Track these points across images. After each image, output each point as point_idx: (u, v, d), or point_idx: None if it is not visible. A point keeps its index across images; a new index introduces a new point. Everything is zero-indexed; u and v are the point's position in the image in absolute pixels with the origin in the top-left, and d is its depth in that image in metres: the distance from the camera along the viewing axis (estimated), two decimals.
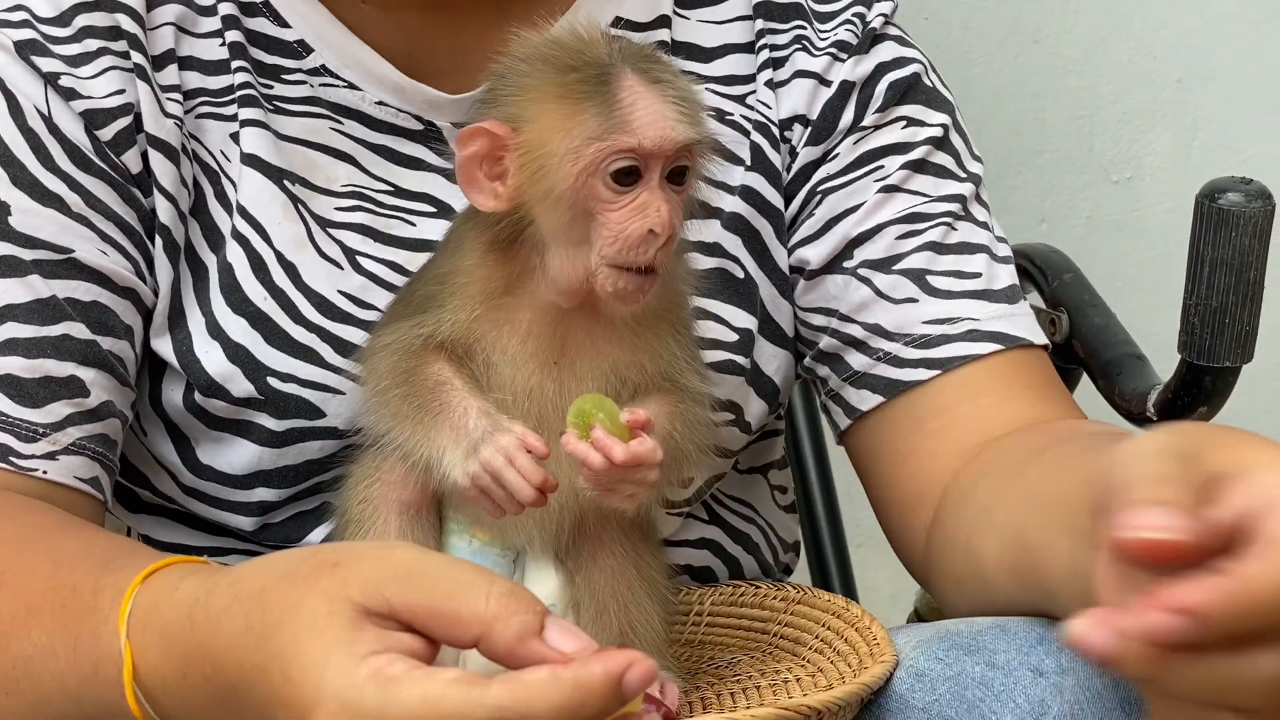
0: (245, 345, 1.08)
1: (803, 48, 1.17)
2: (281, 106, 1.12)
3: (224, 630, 0.82)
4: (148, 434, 1.13)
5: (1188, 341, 1.24)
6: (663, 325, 0.99)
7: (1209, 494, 0.73)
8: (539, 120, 0.93)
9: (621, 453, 0.91)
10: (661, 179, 0.93)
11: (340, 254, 1.10)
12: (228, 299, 1.09)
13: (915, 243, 1.14)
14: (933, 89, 1.18)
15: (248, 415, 1.09)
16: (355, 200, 1.12)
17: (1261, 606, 0.70)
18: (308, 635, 0.77)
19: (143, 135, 1.09)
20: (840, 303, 1.15)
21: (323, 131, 1.12)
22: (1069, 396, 1.17)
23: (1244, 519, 0.72)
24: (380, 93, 1.13)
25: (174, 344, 1.09)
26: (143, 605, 0.87)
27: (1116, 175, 1.88)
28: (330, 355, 1.09)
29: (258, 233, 1.10)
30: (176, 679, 0.84)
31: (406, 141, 1.13)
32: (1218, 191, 1.21)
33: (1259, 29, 1.85)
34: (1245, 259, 1.21)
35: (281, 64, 1.13)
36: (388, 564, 0.79)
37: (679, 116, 0.93)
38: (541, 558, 1.01)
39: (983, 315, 1.13)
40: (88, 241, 1.07)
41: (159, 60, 1.10)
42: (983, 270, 1.14)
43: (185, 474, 1.12)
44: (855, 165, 1.16)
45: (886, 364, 1.13)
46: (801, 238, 1.16)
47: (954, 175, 1.16)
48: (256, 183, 1.10)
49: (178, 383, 1.10)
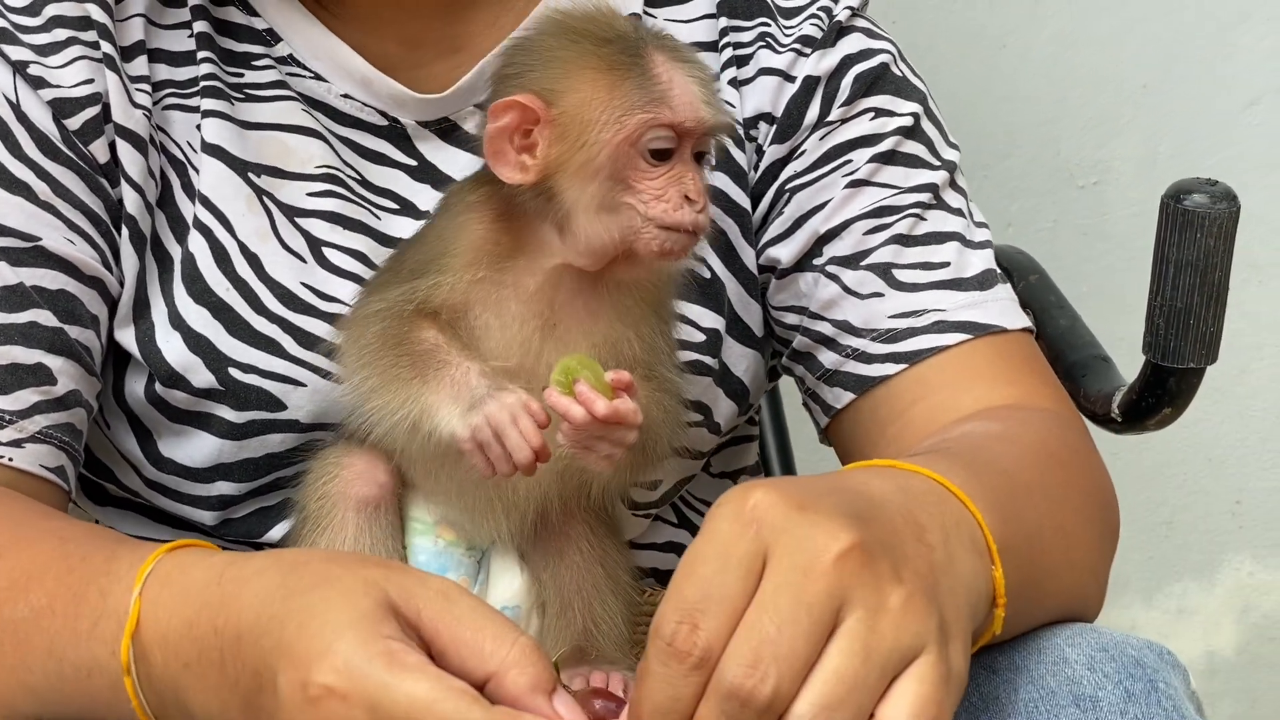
0: (206, 335, 1.08)
1: (767, 44, 1.16)
2: (251, 94, 1.12)
3: (253, 585, 0.82)
4: (111, 426, 1.12)
5: (1152, 342, 1.24)
6: (650, 311, 1.00)
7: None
8: (578, 91, 0.94)
9: (604, 407, 0.91)
10: (691, 155, 0.95)
11: (304, 246, 1.10)
12: (189, 289, 1.09)
13: (882, 237, 1.14)
14: (902, 78, 1.18)
15: (207, 407, 1.09)
16: (328, 185, 1.12)
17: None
18: (338, 602, 0.78)
19: (111, 125, 1.08)
20: (810, 300, 1.14)
21: (295, 113, 1.12)
22: (1047, 377, 1.15)
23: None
24: (346, 85, 1.13)
25: (137, 334, 1.09)
26: (165, 567, 0.87)
27: (1082, 180, 1.89)
28: (292, 346, 1.08)
29: (220, 223, 1.09)
30: (181, 630, 0.84)
31: (371, 136, 1.13)
32: (1183, 193, 1.21)
33: (1224, 34, 1.86)
34: (1210, 260, 1.21)
35: (251, 51, 1.13)
36: (429, 583, 0.80)
37: (709, 98, 0.95)
38: (506, 557, 1.00)
39: (950, 305, 1.13)
40: (55, 230, 1.06)
41: (128, 51, 1.10)
42: (952, 259, 1.14)
43: (147, 467, 1.12)
44: (822, 161, 1.15)
45: (855, 360, 1.13)
46: (771, 237, 1.16)
47: (926, 164, 1.16)
48: (218, 172, 1.10)
49: (140, 374, 1.10)
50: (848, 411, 1.14)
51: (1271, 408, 1.97)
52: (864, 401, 1.13)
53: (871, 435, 1.13)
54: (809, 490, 0.78)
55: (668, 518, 1.20)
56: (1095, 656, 0.90)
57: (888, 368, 1.12)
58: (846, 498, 0.79)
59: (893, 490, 0.83)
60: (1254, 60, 1.86)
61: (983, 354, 1.12)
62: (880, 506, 0.80)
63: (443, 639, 0.78)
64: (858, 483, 0.83)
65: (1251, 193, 1.41)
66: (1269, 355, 1.95)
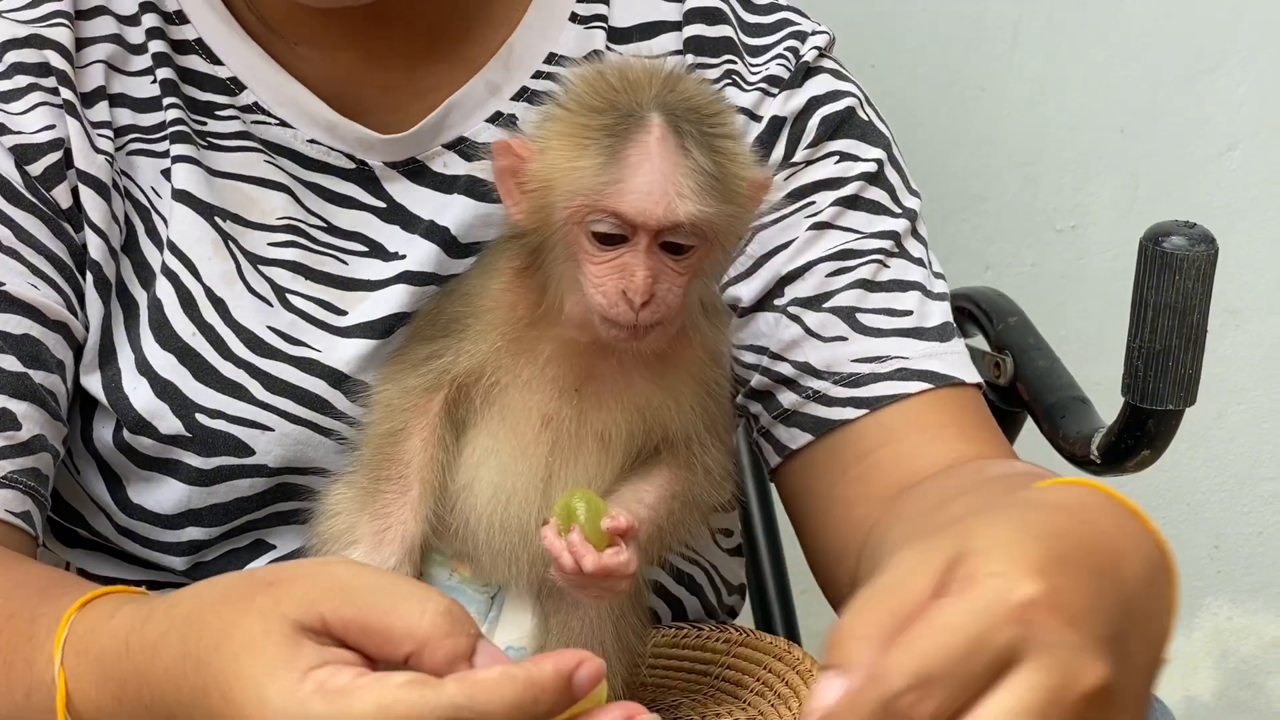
0: (173, 381, 1.07)
1: (733, 82, 1.16)
2: (215, 143, 1.12)
3: (161, 656, 0.80)
4: (81, 472, 1.11)
5: (1131, 384, 1.24)
6: (693, 379, 0.98)
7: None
8: (548, 154, 0.92)
9: (591, 563, 0.90)
10: (652, 245, 0.90)
11: (269, 291, 1.09)
12: (156, 335, 1.08)
13: (846, 280, 1.13)
14: (868, 123, 1.18)
15: (174, 454, 1.08)
16: (289, 235, 1.11)
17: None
18: (246, 655, 0.76)
19: (73, 171, 1.08)
20: (771, 340, 1.14)
21: (257, 165, 1.12)
22: (999, 434, 1.15)
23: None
24: (312, 130, 1.12)
25: (103, 380, 1.08)
26: (78, 632, 0.86)
27: (1060, 224, 1.89)
28: (259, 391, 1.07)
29: (187, 268, 1.09)
30: (113, 706, 0.83)
31: (339, 180, 1.12)
32: (1162, 235, 1.21)
33: (1202, 79, 1.86)
34: (1189, 302, 1.21)
35: (214, 100, 1.13)
36: (321, 580, 0.78)
37: (681, 190, 0.88)
38: (520, 598, 0.99)
39: (913, 354, 1.12)
40: (18, 275, 1.06)
41: (89, 97, 1.10)
42: (914, 308, 1.14)
43: (117, 513, 1.11)
44: (786, 202, 1.15)
45: (816, 403, 1.13)
46: (733, 275, 1.15)
47: (888, 211, 1.16)
48: (187, 219, 1.09)
49: (107, 420, 1.09)
50: (803, 453, 1.13)
51: (1249, 452, 1.97)
52: (822, 444, 1.12)
53: (831, 476, 1.12)
54: (1073, 586, 0.73)
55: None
56: None
57: (848, 411, 1.11)
58: (1106, 597, 0.76)
59: (1140, 566, 0.79)
60: (1231, 105, 1.87)
61: (943, 404, 1.12)
62: (1130, 601, 0.77)
63: (353, 634, 0.77)
64: (1103, 546, 0.79)
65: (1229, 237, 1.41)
66: (1247, 400, 1.95)
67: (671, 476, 0.98)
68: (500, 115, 1.13)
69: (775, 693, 1.02)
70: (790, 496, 1.15)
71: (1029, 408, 1.38)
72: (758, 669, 1.05)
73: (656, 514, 0.96)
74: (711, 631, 1.12)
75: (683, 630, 1.14)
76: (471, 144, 1.12)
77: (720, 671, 1.08)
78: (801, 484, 1.14)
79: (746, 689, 1.05)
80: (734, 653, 1.09)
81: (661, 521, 0.95)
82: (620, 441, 0.97)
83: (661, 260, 0.90)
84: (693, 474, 0.98)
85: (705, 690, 1.07)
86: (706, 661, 1.10)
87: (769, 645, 1.07)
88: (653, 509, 0.96)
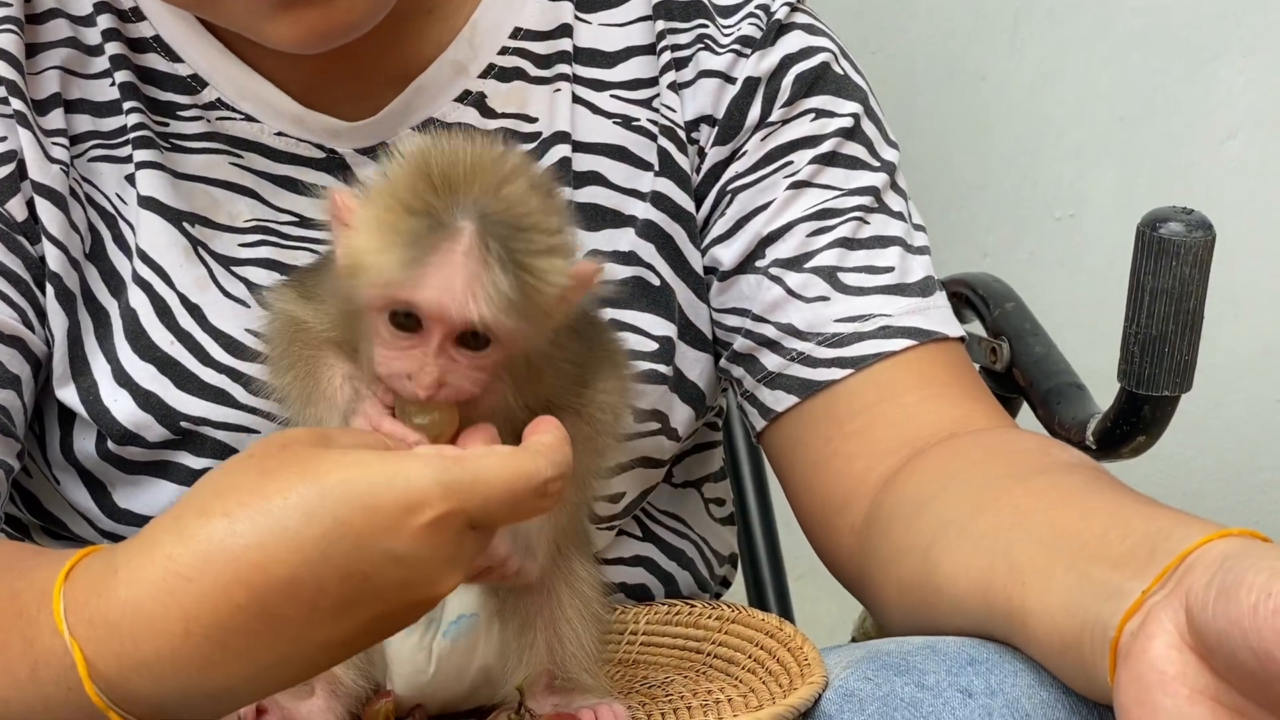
0: (155, 392, 1.07)
1: (706, 46, 1.16)
2: (178, 144, 1.11)
3: (257, 537, 0.78)
4: (60, 482, 1.10)
5: (1127, 370, 1.24)
6: (545, 360, 0.94)
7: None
8: (359, 236, 0.88)
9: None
10: (445, 342, 0.87)
11: (245, 292, 1.09)
12: (133, 345, 1.07)
13: (826, 239, 1.13)
14: (843, 77, 1.17)
15: (167, 455, 1.08)
16: (260, 235, 1.10)
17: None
18: (338, 484, 0.78)
19: (27, 182, 1.07)
20: (753, 303, 1.14)
21: (222, 167, 1.11)
22: (989, 391, 1.16)
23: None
24: (279, 123, 1.11)
25: (80, 393, 1.07)
26: (79, 601, 0.82)
27: (1059, 212, 1.89)
28: (242, 395, 1.07)
29: (159, 276, 1.08)
30: (177, 640, 0.79)
31: (309, 170, 1.12)
32: (1159, 221, 1.21)
33: (1202, 68, 1.86)
34: (1185, 288, 1.21)
35: (176, 100, 1.12)
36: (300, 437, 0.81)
37: (479, 299, 0.85)
38: None
39: (895, 311, 1.12)
40: None
41: (42, 105, 1.09)
42: (895, 264, 1.14)
43: (103, 520, 1.10)
44: (764, 162, 1.15)
45: (800, 364, 1.13)
46: (713, 238, 1.15)
47: (866, 165, 1.15)
48: (155, 226, 1.08)
49: (88, 431, 1.08)
50: (789, 415, 1.13)
51: (1246, 442, 1.97)
52: (809, 405, 1.12)
53: (826, 431, 1.12)
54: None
55: (632, 531, 1.19)
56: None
57: (834, 372, 1.11)
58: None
59: None
60: (1231, 94, 1.87)
61: (931, 360, 1.12)
62: None
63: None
64: None
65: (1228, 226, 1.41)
66: (1244, 390, 1.95)
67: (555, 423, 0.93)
68: (469, 94, 1.13)
69: (766, 669, 1.01)
70: (780, 455, 1.15)
71: (1025, 393, 1.38)
72: (749, 645, 1.05)
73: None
74: (704, 608, 1.12)
75: (675, 608, 1.14)
76: (441, 125, 1.12)
77: (712, 649, 1.08)
78: (792, 443, 1.14)
79: (738, 665, 1.04)
80: (726, 629, 1.09)
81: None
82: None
83: (456, 355, 0.88)
84: (580, 417, 0.95)
85: (697, 667, 1.07)
86: (699, 639, 1.10)
87: (760, 622, 1.07)
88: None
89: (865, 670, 0.94)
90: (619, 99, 1.15)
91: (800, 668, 0.99)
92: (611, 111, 1.15)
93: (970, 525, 0.98)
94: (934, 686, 0.92)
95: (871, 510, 1.08)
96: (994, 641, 0.93)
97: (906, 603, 1.03)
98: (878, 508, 1.07)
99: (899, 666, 0.94)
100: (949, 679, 0.92)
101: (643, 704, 1.03)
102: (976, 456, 1.05)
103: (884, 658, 0.95)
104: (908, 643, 0.96)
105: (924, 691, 0.92)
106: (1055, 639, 0.88)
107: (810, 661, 0.98)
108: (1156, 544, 0.83)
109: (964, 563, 0.97)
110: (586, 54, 1.16)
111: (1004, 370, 1.38)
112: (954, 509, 1.01)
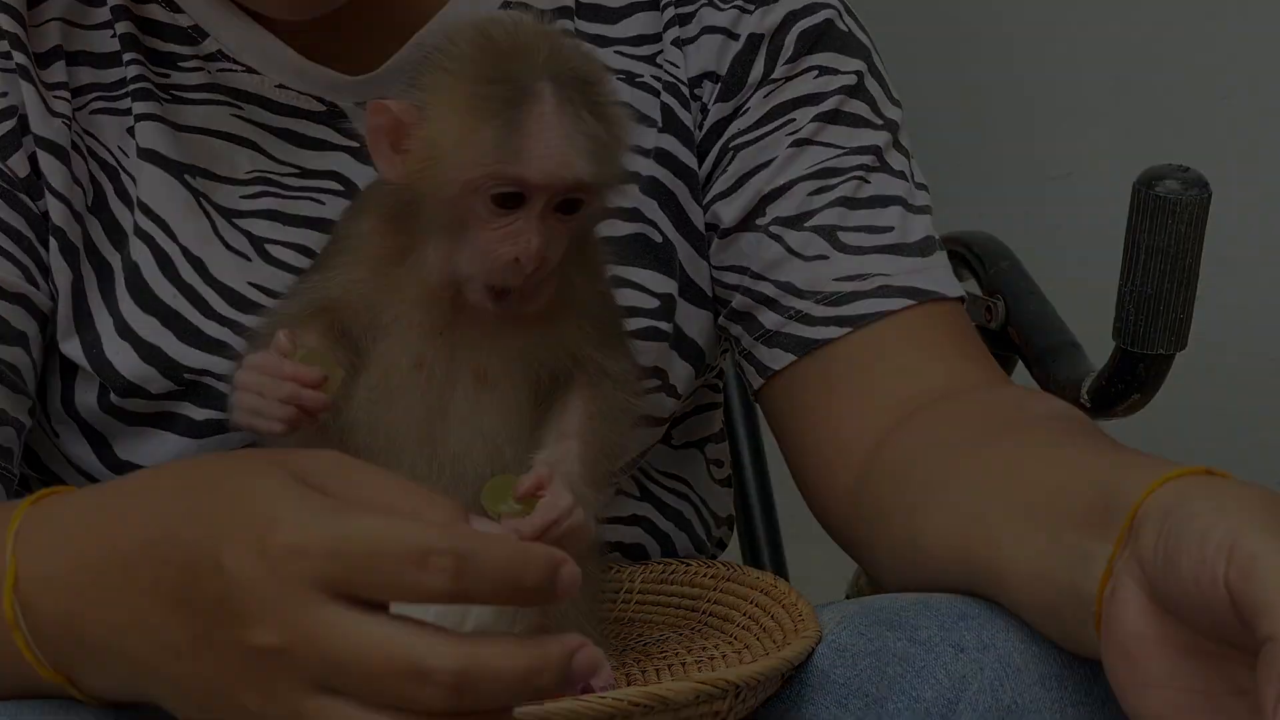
0: (158, 345, 1.07)
1: (709, 2, 1.15)
2: (179, 95, 1.11)
3: (150, 497, 0.79)
4: (60, 436, 1.10)
5: (1122, 328, 1.24)
6: (567, 303, 0.98)
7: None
8: (439, 122, 0.92)
9: (531, 527, 0.91)
10: (547, 208, 0.93)
11: (247, 245, 1.09)
12: (136, 298, 1.07)
13: (827, 198, 1.13)
14: (847, 34, 1.17)
15: (170, 407, 1.08)
16: (261, 186, 1.10)
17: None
18: (261, 481, 0.75)
19: (29, 137, 1.06)
20: (753, 261, 1.14)
21: (223, 118, 1.11)
22: (986, 351, 1.16)
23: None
24: (281, 75, 1.11)
25: (83, 346, 1.07)
26: (40, 514, 0.83)
27: (1055, 172, 1.89)
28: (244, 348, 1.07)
29: (161, 229, 1.08)
30: (69, 565, 0.80)
31: (309, 123, 1.12)
32: (1155, 179, 1.21)
33: (1198, 27, 1.86)
34: (1181, 246, 1.21)
35: (176, 51, 1.11)
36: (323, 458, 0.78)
37: (579, 153, 0.92)
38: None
39: (895, 270, 1.12)
40: None
41: (44, 58, 1.08)
42: (896, 224, 1.13)
43: (104, 473, 1.10)
44: (766, 119, 1.14)
45: (798, 322, 1.13)
46: (715, 195, 1.15)
47: (869, 124, 1.15)
48: (156, 178, 1.08)
49: (90, 384, 1.08)
50: (787, 372, 1.13)
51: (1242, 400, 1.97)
52: (807, 363, 1.12)
53: (824, 389, 1.12)
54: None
55: (629, 490, 1.19)
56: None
57: (831, 330, 1.12)
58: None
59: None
60: (1227, 53, 1.87)
61: (930, 319, 1.12)
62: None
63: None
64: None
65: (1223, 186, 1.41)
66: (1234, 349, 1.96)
67: (586, 397, 0.98)
68: None
69: (760, 625, 1.02)
70: (777, 413, 1.15)
71: (1020, 352, 1.38)
72: (744, 603, 1.05)
73: (584, 439, 0.96)
74: (699, 567, 1.13)
75: (670, 566, 1.14)
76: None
77: (708, 606, 1.09)
78: (788, 401, 1.14)
79: (733, 622, 1.05)
80: (721, 587, 1.09)
81: (591, 442, 0.96)
82: (502, 380, 0.98)
83: (551, 221, 0.93)
84: (600, 388, 0.99)
85: (692, 625, 1.08)
86: (694, 597, 1.10)
87: (755, 579, 1.07)
88: (579, 435, 0.96)
89: (858, 625, 0.95)
90: (622, 55, 1.15)
91: (794, 623, 0.99)
92: (615, 67, 1.14)
93: (946, 489, 0.99)
94: (926, 641, 0.92)
95: (864, 470, 1.08)
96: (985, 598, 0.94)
97: (897, 563, 1.04)
98: (869, 468, 1.08)
99: (892, 621, 0.94)
100: (941, 634, 0.92)
101: (638, 661, 1.03)
102: (957, 417, 1.05)
103: (877, 613, 0.95)
104: (900, 598, 0.97)
105: (916, 646, 0.92)
106: (1037, 606, 0.90)
107: (804, 616, 0.98)
108: (1110, 498, 0.85)
109: (943, 528, 0.98)
110: (589, 9, 1.16)
111: (999, 329, 1.38)
112: (932, 472, 1.02)
